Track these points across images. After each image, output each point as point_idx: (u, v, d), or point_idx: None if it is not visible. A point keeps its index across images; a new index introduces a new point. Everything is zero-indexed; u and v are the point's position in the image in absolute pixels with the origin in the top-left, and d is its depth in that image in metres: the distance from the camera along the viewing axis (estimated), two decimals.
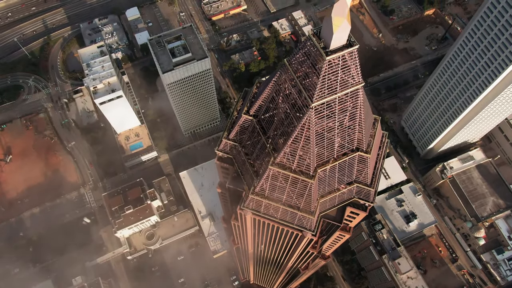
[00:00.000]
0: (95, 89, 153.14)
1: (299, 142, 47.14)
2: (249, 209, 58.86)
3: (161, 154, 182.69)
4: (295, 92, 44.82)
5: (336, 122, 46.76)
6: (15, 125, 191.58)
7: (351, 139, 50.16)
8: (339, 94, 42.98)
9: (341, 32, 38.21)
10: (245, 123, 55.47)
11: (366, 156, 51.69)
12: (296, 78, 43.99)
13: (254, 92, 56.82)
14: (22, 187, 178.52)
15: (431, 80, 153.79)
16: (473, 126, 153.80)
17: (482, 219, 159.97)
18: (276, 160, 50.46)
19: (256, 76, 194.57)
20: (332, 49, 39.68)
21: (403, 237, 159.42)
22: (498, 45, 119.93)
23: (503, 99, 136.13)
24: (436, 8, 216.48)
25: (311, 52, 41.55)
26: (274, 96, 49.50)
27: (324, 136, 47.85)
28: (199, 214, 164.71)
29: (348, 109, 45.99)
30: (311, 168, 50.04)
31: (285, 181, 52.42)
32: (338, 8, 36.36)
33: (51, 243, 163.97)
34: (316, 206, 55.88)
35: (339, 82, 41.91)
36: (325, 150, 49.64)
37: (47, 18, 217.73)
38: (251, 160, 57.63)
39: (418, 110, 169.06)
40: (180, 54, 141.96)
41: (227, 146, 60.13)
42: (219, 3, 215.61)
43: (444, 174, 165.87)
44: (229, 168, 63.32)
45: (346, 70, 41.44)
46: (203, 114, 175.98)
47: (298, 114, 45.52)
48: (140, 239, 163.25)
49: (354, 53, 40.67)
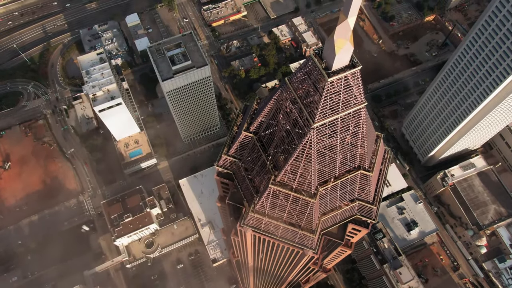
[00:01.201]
0: (94, 97, 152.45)
1: (300, 161, 46.30)
2: (249, 226, 57.92)
3: (161, 161, 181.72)
4: (296, 111, 44.03)
5: (338, 140, 45.94)
6: (14, 132, 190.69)
7: (353, 157, 49.31)
8: (341, 114, 42.20)
9: (343, 54, 37.44)
10: (245, 140, 54.61)
11: (369, 175, 50.80)
12: (297, 97, 43.21)
13: (254, 108, 55.98)
14: (21, 194, 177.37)
15: (432, 87, 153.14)
16: (474, 133, 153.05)
17: (483, 227, 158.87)
18: (276, 179, 49.58)
19: (256, 83, 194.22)
20: (334, 70, 38.92)
21: (404, 245, 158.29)
22: (499, 54, 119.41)
23: (504, 108, 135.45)
24: (436, 14, 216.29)
25: (312, 72, 40.78)
26: (275, 113, 48.69)
27: (325, 154, 47.01)
28: (199, 222, 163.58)
29: (350, 128, 45.18)
30: (313, 187, 49.15)
31: (286, 200, 51.50)
32: (341, 30, 35.56)
33: (49, 251, 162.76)
34: (317, 224, 54.92)
35: (341, 102, 41.13)
36: (326, 168, 48.79)
37: (46, 24, 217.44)
38: (251, 176, 56.76)
39: (419, 117, 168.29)
40: (180, 61, 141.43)
41: (227, 162, 59.26)
42: (219, 9, 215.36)
43: (445, 181, 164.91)
44: (229, 184, 62.40)
45: (349, 90, 40.67)
46: (203, 121, 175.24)
47: (300, 133, 44.70)
48: (139, 247, 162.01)
49: (357, 73, 39.90)
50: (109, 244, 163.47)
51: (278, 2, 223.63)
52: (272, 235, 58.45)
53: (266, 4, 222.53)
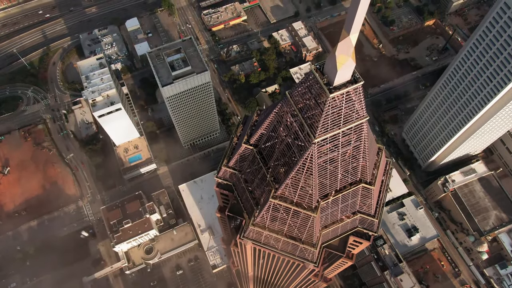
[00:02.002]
0: (94, 102, 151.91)
1: (301, 175, 45.68)
2: (249, 239, 57.22)
3: (160, 166, 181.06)
4: (297, 126, 43.45)
5: (339, 154, 45.35)
6: (13, 137, 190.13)
7: (355, 171, 48.70)
8: (343, 129, 41.63)
9: (345, 69, 36.88)
10: (245, 152, 54.00)
11: (370, 188, 50.17)
12: (298, 112, 42.64)
13: (254, 119, 55.39)
14: (20, 199, 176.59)
15: (433, 92, 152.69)
16: (475, 139, 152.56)
17: (485, 233, 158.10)
18: (277, 192, 48.94)
19: (256, 88, 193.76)
20: (336, 86, 38.36)
21: (405, 251, 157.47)
22: (500, 60, 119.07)
23: (505, 113, 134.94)
24: (436, 19, 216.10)
25: (313, 86, 40.23)
26: (276, 126, 48.10)
27: (327, 168, 46.39)
28: (199, 228, 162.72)
29: (351, 142, 44.61)
30: (313, 201, 48.51)
31: (286, 213, 50.85)
32: (343, 47, 34.99)
33: (48, 257, 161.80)
34: (318, 238, 54.26)
35: (343, 117, 40.55)
36: (328, 182, 48.17)
37: (46, 28, 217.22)
38: (251, 188, 56.13)
39: (419, 122, 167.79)
40: (179, 67, 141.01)
41: (227, 174, 58.62)
42: (219, 14, 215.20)
43: (446, 187, 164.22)
44: (229, 195, 61.74)
45: (350, 105, 40.10)
46: (202, 126, 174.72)
47: (300, 148, 44.10)
48: (139, 253, 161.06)
49: (359, 89, 39.34)
50: (109, 250, 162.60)
51: (278, 7, 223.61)
52: (273, 248, 57.76)
53: (266, 8, 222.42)
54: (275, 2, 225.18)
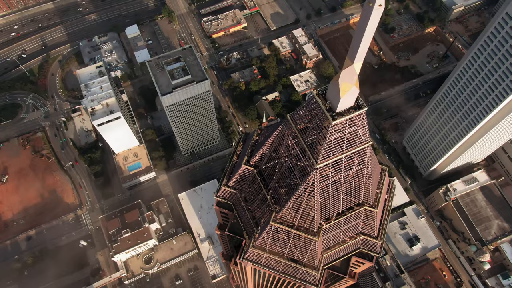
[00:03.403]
0: (93, 111, 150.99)
1: (302, 199, 44.66)
2: (249, 261, 56.03)
3: (160, 174, 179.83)
4: (299, 150, 42.48)
5: (342, 178, 44.33)
6: (12, 144, 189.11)
7: (358, 193, 47.68)
8: (346, 154, 40.64)
9: (348, 97, 35.94)
10: (245, 173, 52.97)
11: (373, 211, 49.09)
12: (300, 135, 41.65)
13: (255, 139, 54.39)
14: (18, 208, 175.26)
15: (434, 101, 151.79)
16: (477, 148, 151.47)
17: (487, 243, 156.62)
18: (278, 216, 47.88)
19: (256, 95, 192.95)
20: (339, 112, 37.40)
21: (406, 262, 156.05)
22: (502, 70, 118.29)
23: (507, 123, 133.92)
24: (436, 26, 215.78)
25: (315, 111, 39.26)
26: (277, 149, 47.12)
27: (329, 192, 45.35)
28: (198, 237, 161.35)
29: (354, 166, 43.60)
30: (315, 225, 47.43)
31: (287, 237, 49.75)
32: (347, 75, 34.06)
33: (46, 266, 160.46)
34: (320, 260, 53.11)
35: (345, 142, 39.60)
36: (330, 205, 47.10)
37: (46, 35, 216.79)
38: (251, 208, 55.06)
39: (420, 130, 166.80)
40: (179, 76, 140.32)
41: (226, 193, 57.57)
42: (219, 21, 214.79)
43: (448, 196, 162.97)
44: (229, 214, 60.63)
45: (354, 130, 39.15)
46: (202, 134, 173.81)
47: (302, 172, 43.08)
48: (138, 263, 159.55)
49: (363, 115, 38.38)
50: (107, 259, 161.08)
51: (278, 14, 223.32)
52: (273, 269, 56.58)
53: (266, 15, 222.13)
54: (275, 9, 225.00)
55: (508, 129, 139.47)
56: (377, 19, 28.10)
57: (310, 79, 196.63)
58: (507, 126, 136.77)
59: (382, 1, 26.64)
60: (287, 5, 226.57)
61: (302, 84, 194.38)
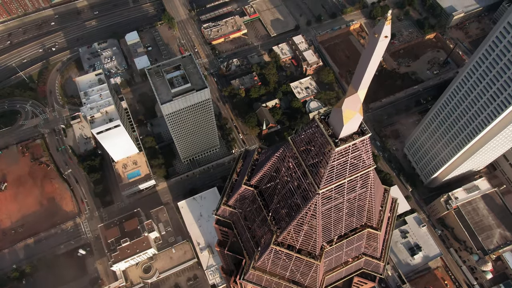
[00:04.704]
0: (92, 119, 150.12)
1: (304, 222, 43.65)
2: (249, 281, 54.92)
3: (159, 182, 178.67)
4: (300, 173, 41.52)
5: (344, 201, 43.36)
6: (11, 152, 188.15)
7: (360, 215, 46.66)
8: (348, 179, 39.70)
9: (352, 123, 35.00)
10: (245, 193, 51.96)
11: (376, 233, 48.04)
12: (301, 159, 40.70)
13: (255, 158, 53.42)
14: (17, 216, 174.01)
15: (435, 109, 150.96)
16: (479, 156, 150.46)
17: (489, 252, 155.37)
18: (278, 238, 46.85)
19: (256, 102, 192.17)
20: (342, 138, 36.45)
21: (407, 271, 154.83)
22: (503, 80, 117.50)
23: (509, 132, 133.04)
24: (437, 32, 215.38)
25: (317, 136, 38.33)
26: (277, 171, 46.16)
27: (331, 215, 44.35)
28: (198, 246, 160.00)
29: (357, 189, 42.63)
30: (317, 248, 46.38)
31: (288, 259, 48.69)
32: (350, 102, 33.19)
33: (44, 275, 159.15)
34: (322, 282, 51.97)
35: (348, 167, 38.66)
36: (332, 228, 46.07)
37: (46, 42, 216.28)
38: (251, 227, 54.01)
39: (421, 138, 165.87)
40: (179, 84, 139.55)
41: (226, 212, 56.54)
42: (219, 27, 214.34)
43: (449, 204, 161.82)
44: (229, 232, 59.58)
45: (357, 155, 38.21)
46: (202, 142, 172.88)
47: (304, 196, 42.09)
48: (137, 272, 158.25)
49: (366, 140, 37.45)
50: (106, 268, 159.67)
51: (278, 20, 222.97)
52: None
53: (266, 22, 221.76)
54: (275, 15, 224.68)
55: (510, 137, 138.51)
56: (382, 50, 27.21)
57: (311, 86, 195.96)
58: (509, 135, 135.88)
59: (388, 32, 25.81)
60: (287, 11, 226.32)
61: (302, 91, 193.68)
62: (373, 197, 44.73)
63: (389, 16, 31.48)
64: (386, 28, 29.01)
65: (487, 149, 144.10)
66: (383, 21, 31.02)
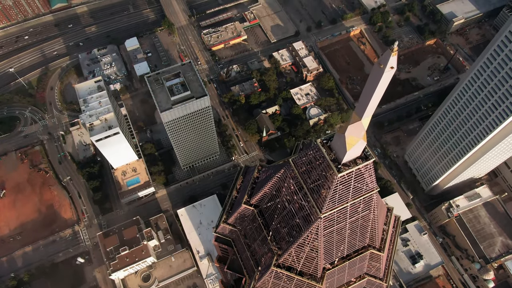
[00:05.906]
0: (91, 126, 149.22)
1: (305, 245, 42.69)
2: None
3: (159, 189, 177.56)
4: (301, 196, 40.61)
5: (347, 224, 42.41)
6: (9, 158, 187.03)
7: (363, 237, 45.70)
8: (351, 202, 38.82)
9: (355, 149, 34.14)
10: (245, 212, 51.00)
11: (379, 254, 47.07)
12: (302, 182, 39.80)
13: (255, 176, 52.51)
14: (15, 223, 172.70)
15: (436, 116, 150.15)
16: (481, 164, 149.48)
17: (490, 260, 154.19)
18: (279, 260, 45.86)
19: (256, 109, 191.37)
20: (345, 163, 35.58)
21: (409, 279, 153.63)
22: (505, 88, 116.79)
23: (511, 140, 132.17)
24: (437, 38, 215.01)
25: (319, 160, 37.44)
26: (278, 192, 45.24)
27: (333, 237, 43.41)
28: (197, 254, 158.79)
29: (360, 212, 41.72)
30: (319, 270, 45.39)
31: (289, 281, 47.65)
32: (354, 129, 32.25)
33: (43, 284, 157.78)
34: None
35: (351, 191, 37.76)
36: (334, 250, 45.12)
37: (45, 48, 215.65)
38: (252, 246, 53.01)
39: (422, 145, 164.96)
40: (178, 92, 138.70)
41: (226, 230, 55.56)
42: (219, 33, 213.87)
43: (450, 212, 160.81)
44: (229, 250, 58.56)
45: (360, 179, 37.33)
46: (202, 149, 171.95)
47: (305, 219, 41.15)
48: (136, 281, 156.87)
49: (370, 165, 36.54)
50: (105, 276, 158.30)
51: (278, 26, 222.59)
52: None
53: (266, 28, 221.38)
54: (275, 21, 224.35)
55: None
56: (388, 80, 26.44)
57: (311, 92, 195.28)
58: (511, 143, 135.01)
59: (394, 63, 25.01)
60: (287, 17, 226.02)
61: (302, 97, 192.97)
62: (376, 219, 43.81)
63: (395, 47, 30.63)
64: (392, 59, 28.31)
65: (489, 157, 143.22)
66: (389, 52, 30.26)
